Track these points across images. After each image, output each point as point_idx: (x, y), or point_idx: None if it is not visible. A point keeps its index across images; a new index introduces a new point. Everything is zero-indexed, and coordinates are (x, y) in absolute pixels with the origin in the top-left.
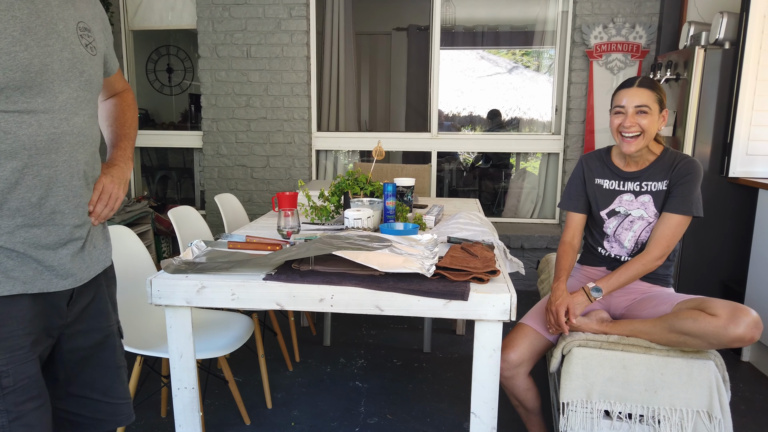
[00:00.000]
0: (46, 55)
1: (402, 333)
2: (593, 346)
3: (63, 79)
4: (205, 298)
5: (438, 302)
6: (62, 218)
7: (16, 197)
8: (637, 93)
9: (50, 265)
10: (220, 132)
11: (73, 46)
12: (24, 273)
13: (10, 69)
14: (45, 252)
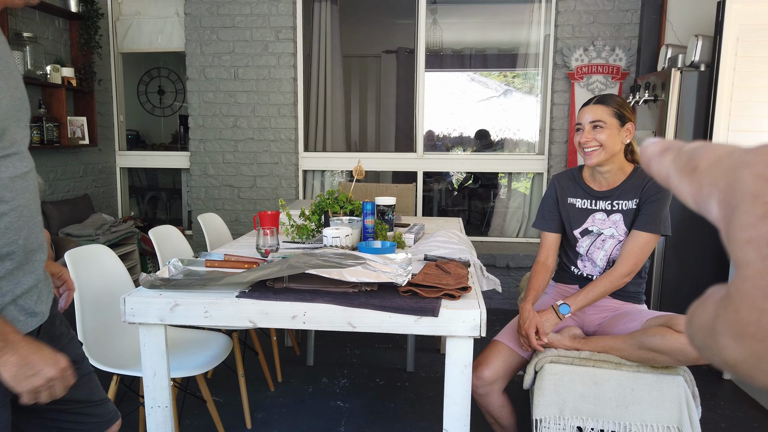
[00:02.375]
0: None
1: (386, 352)
2: (565, 362)
3: (22, 119)
4: (179, 315)
5: (409, 318)
6: (36, 255)
7: (5, 242)
8: (592, 109)
9: (24, 306)
10: (208, 152)
11: (21, 85)
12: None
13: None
14: (24, 294)
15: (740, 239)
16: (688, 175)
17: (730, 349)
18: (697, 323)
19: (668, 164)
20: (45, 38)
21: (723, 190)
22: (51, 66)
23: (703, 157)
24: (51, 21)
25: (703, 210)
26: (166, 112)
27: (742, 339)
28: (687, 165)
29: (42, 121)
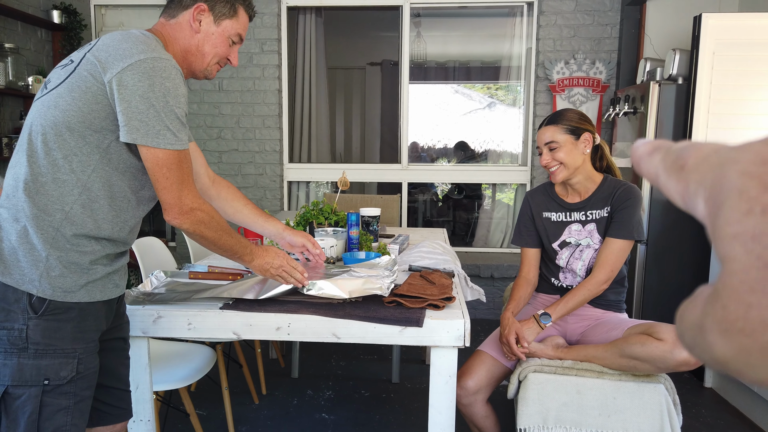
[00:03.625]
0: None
1: (371, 364)
2: (548, 371)
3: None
4: (162, 328)
5: (394, 329)
6: (128, 246)
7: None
8: (544, 131)
9: (114, 278)
10: None
11: None
12: (104, 285)
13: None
14: (117, 268)
15: (726, 235)
16: (675, 173)
17: (719, 346)
18: (687, 322)
19: (657, 163)
20: (27, 49)
21: (709, 187)
22: (33, 77)
23: (690, 156)
24: (33, 32)
25: (690, 207)
26: None
27: (730, 335)
28: (675, 163)
29: None
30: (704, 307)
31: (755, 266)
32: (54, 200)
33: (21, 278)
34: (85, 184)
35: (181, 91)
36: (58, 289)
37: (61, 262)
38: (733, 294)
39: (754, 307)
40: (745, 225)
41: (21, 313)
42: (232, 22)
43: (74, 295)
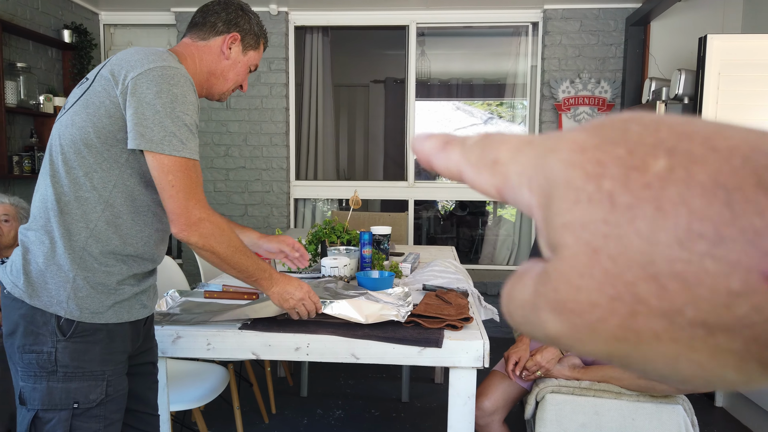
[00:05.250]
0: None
1: (380, 382)
2: (566, 392)
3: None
4: (181, 348)
5: (413, 349)
6: (157, 264)
7: (150, 251)
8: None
9: (143, 299)
10: None
11: None
12: (131, 305)
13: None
14: (144, 288)
15: (557, 225)
16: (488, 168)
17: (552, 323)
18: (517, 300)
19: (457, 159)
20: (38, 68)
21: (534, 177)
22: (44, 96)
23: (500, 149)
24: (44, 51)
25: (511, 199)
26: None
27: (562, 314)
28: (483, 158)
29: (33, 150)
30: (536, 287)
31: (584, 252)
32: (78, 219)
33: (49, 300)
34: (108, 200)
35: (190, 99)
36: (85, 310)
37: (88, 282)
38: (563, 278)
39: (583, 290)
40: (574, 214)
41: (50, 336)
42: (255, 53)
43: (102, 316)
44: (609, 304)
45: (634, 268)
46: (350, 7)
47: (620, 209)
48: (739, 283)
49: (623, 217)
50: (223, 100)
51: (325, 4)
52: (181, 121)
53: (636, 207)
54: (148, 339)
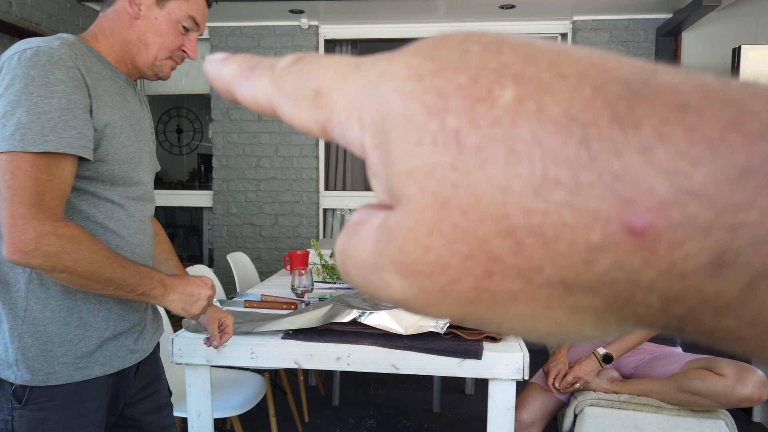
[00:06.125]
0: (140, 149)
1: (411, 392)
2: (605, 405)
3: (146, 170)
4: (225, 356)
5: (452, 361)
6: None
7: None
8: None
9: (126, 342)
10: (230, 191)
11: (150, 142)
12: (103, 354)
13: (124, 161)
14: (127, 329)
15: (399, 171)
16: (308, 100)
17: (397, 286)
18: (354, 259)
19: (267, 89)
20: None
21: (365, 111)
22: None
23: (321, 76)
24: None
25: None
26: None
27: (409, 276)
28: (301, 88)
29: None
30: (377, 245)
31: (432, 205)
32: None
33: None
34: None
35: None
36: (38, 372)
37: (37, 338)
38: (410, 235)
39: (433, 249)
40: (418, 159)
41: (5, 402)
42: (180, 2)
43: (60, 376)
44: (461, 264)
45: (488, 222)
46: (380, 20)
47: (469, 152)
48: (598, 236)
49: (473, 161)
50: (163, 77)
51: (356, 18)
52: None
53: (486, 149)
54: (153, 381)
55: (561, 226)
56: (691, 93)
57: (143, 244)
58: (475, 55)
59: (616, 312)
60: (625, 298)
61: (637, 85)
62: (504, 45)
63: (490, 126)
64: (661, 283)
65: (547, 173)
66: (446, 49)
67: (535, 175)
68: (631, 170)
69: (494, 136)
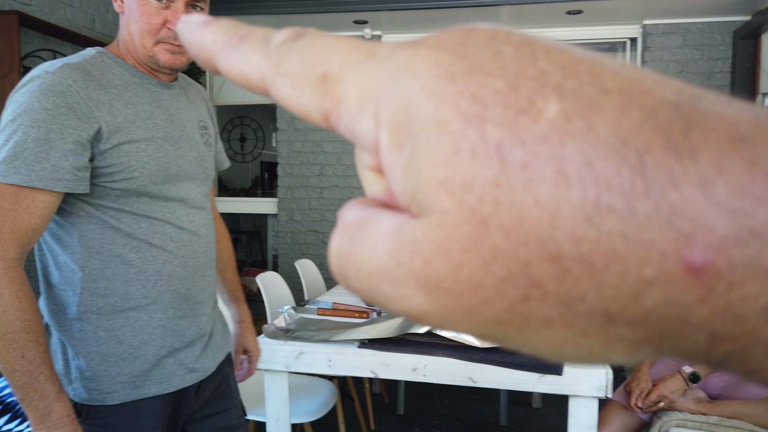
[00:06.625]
0: (180, 157)
1: (476, 404)
2: (692, 427)
3: (191, 177)
4: (303, 363)
5: (531, 376)
6: (201, 308)
7: (168, 290)
8: None
9: (185, 361)
10: (294, 199)
11: (198, 146)
12: (161, 372)
13: (156, 174)
14: (185, 347)
15: (430, 179)
16: (313, 84)
17: (416, 300)
18: (360, 265)
19: (260, 65)
20: None
21: (384, 105)
22: None
23: (329, 59)
24: None
25: (344, 128)
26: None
27: (433, 292)
28: (305, 70)
29: None
30: (395, 255)
31: (469, 221)
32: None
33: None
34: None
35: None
36: (94, 391)
37: (92, 357)
38: (439, 251)
39: (466, 267)
40: (454, 169)
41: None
42: None
43: (116, 396)
44: (497, 286)
45: (532, 246)
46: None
47: (513, 169)
48: (652, 270)
49: (518, 179)
50: (171, 67)
51: (418, 26)
52: (11, 139)
53: (532, 167)
54: (220, 400)
55: (612, 257)
56: (745, 124)
57: (198, 256)
58: (509, 57)
59: (656, 344)
60: (670, 333)
61: (687, 110)
62: (537, 49)
63: (535, 142)
64: (713, 322)
65: (600, 200)
66: (475, 46)
67: (587, 201)
68: (690, 204)
69: (541, 154)
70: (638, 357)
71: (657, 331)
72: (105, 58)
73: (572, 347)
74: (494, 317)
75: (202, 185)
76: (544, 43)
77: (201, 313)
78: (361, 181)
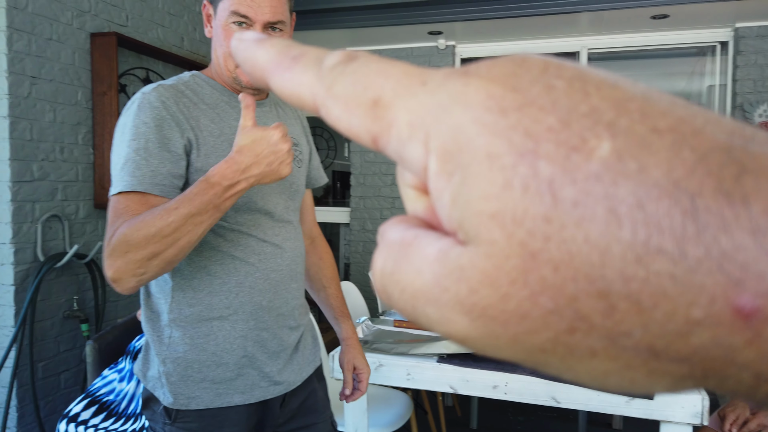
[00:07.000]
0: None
1: (552, 422)
2: None
3: (277, 192)
4: (382, 376)
5: (620, 398)
6: (284, 320)
7: (249, 301)
8: None
9: (268, 372)
10: (367, 209)
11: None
12: (244, 382)
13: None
14: (267, 358)
15: (480, 210)
16: (365, 108)
17: (461, 325)
18: (405, 286)
19: (312, 86)
20: None
21: (434, 134)
22: None
23: (382, 84)
24: None
25: (393, 152)
26: None
27: (479, 319)
28: (357, 94)
29: None
30: (440, 280)
31: (518, 254)
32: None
33: (152, 385)
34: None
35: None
36: (180, 396)
37: (178, 363)
38: (487, 280)
39: (513, 298)
40: (505, 203)
41: (159, 417)
42: (224, 1)
43: (200, 401)
44: (543, 318)
45: (581, 282)
46: (519, 37)
47: (565, 205)
48: (701, 312)
49: (569, 216)
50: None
51: (493, 36)
52: (120, 154)
53: (584, 205)
54: (308, 414)
55: (660, 296)
56: None
57: (281, 269)
58: (561, 92)
59: (700, 380)
60: (714, 372)
61: (739, 154)
62: (589, 84)
63: (587, 180)
64: (759, 364)
65: (651, 241)
66: (527, 80)
67: (637, 242)
68: (741, 251)
69: (593, 193)
70: (681, 390)
71: (701, 369)
72: (197, 79)
73: (615, 378)
74: (539, 346)
75: (290, 200)
76: (595, 76)
77: (284, 326)
78: (402, 198)
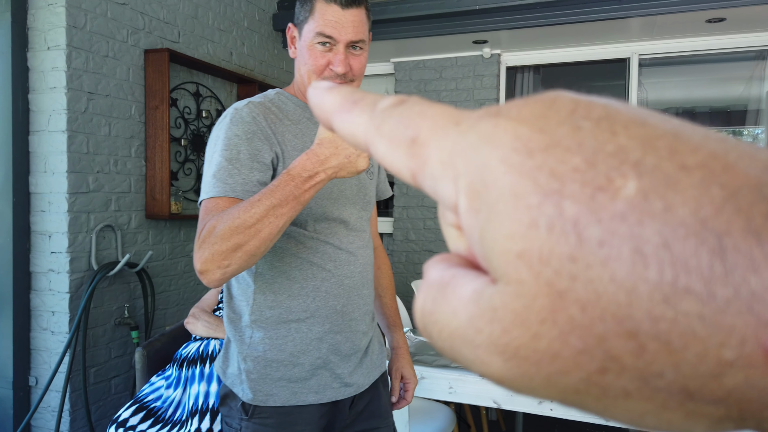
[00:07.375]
0: (341, 183)
1: None
2: None
3: (352, 203)
4: (424, 388)
5: None
6: (356, 325)
7: (325, 305)
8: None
9: (340, 374)
10: (410, 219)
11: (359, 177)
12: (318, 383)
13: (321, 197)
14: (339, 360)
15: (507, 249)
16: (404, 146)
17: (496, 366)
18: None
19: (366, 126)
20: None
21: (463, 173)
22: None
23: (420, 125)
24: None
25: (429, 188)
26: None
27: (512, 360)
28: (399, 133)
29: None
30: (474, 321)
31: (546, 294)
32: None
33: (231, 381)
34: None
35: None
36: (258, 392)
37: (258, 362)
38: (518, 320)
39: (544, 338)
40: (532, 242)
41: (237, 413)
42: (309, 23)
43: (277, 398)
44: (574, 358)
45: (609, 321)
46: (564, 44)
47: (590, 245)
48: (732, 353)
49: (594, 256)
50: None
51: (540, 44)
52: (213, 162)
53: (609, 245)
54: (371, 418)
55: (690, 337)
56: None
57: (353, 275)
58: (588, 133)
59: (738, 422)
60: (751, 414)
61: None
62: (617, 123)
63: (612, 220)
64: None
65: (678, 281)
66: (554, 121)
67: (664, 282)
68: None
69: (618, 233)
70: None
71: (738, 411)
72: (282, 96)
73: (652, 419)
74: (572, 386)
75: (363, 210)
76: (625, 114)
77: (356, 330)
78: (444, 238)
